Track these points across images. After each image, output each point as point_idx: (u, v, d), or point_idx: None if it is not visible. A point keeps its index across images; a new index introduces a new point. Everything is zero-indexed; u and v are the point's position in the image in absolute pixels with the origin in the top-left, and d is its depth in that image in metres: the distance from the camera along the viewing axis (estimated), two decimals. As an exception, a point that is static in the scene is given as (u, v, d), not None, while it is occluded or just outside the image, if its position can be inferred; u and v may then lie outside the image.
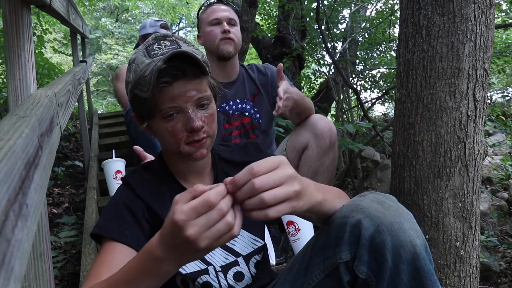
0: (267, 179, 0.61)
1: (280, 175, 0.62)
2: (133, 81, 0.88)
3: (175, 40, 0.89)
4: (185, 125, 0.87)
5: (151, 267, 0.66)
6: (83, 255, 1.61)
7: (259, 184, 0.60)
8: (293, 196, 0.63)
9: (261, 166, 0.62)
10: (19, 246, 0.39)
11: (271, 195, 0.60)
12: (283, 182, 0.62)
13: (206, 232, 0.58)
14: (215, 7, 1.75)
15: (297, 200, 0.64)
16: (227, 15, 1.73)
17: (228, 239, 0.60)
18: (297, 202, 0.64)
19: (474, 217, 1.25)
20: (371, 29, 3.95)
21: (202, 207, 0.58)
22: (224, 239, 0.60)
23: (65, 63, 9.32)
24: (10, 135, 0.52)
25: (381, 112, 6.33)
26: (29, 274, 0.83)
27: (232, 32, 1.72)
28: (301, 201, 0.65)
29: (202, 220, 0.58)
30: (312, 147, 1.59)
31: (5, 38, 0.93)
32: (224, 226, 0.58)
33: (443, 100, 1.22)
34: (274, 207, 0.61)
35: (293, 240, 1.60)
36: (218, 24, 1.73)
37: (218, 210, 0.58)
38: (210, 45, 1.74)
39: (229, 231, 0.59)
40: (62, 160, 3.41)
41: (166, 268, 0.66)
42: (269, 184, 0.61)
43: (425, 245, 0.73)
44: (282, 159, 0.64)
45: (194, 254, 0.62)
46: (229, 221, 0.59)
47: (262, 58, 5.22)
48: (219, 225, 0.58)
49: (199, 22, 1.82)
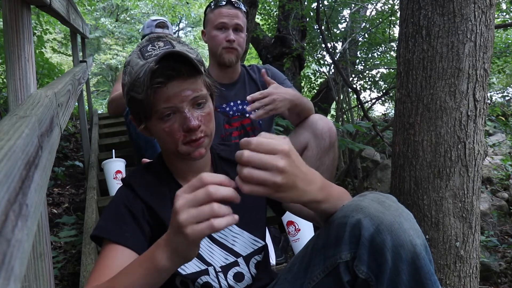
0: (254, 158, 0.64)
1: (268, 161, 0.64)
2: (128, 83, 0.88)
3: (169, 40, 0.89)
4: (181, 125, 0.86)
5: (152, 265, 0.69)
6: (83, 255, 1.61)
7: (245, 158, 0.63)
8: (270, 185, 0.65)
9: (262, 144, 0.64)
10: (19, 246, 0.39)
11: (248, 172, 0.63)
12: (268, 169, 0.64)
13: (189, 208, 0.62)
14: (223, 10, 1.70)
15: (274, 191, 0.66)
16: (234, 22, 1.69)
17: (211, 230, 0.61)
18: (273, 192, 0.66)
19: (474, 217, 1.25)
20: (371, 29, 3.95)
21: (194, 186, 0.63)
22: (206, 227, 0.61)
23: (65, 63, 9.32)
24: (10, 135, 0.52)
25: (381, 112, 6.34)
26: (29, 274, 0.83)
27: (236, 40, 1.69)
28: (281, 194, 0.67)
29: (190, 196, 0.62)
30: (312, 147, 1.59)
31: (5, 38, 0.93)
32: (208, 208, 0.61)
33: (443, 100, 1.22)
34: (249, 184, 0.64)
35: (293, 240, 1.60)
36: (223, 29, 1.69)
37: (205, 190, 0.62)
38: (213, 49, 1.73)
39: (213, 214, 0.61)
40: (62, 160, 3.41)
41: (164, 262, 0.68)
42: (254, 163, 0.63)
43: (425, 245, 0.73)
44: (284, 149, 0.65)
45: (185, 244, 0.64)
46: (214, 207, 0.61)
47: (262, 58, 5.22)
48: (204, 208, 0.61)
49: (205, 18, 1.79)
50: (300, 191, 0.69)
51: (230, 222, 0.62)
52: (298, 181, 0.68)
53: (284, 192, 0.67)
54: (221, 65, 1.73)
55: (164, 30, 2.57)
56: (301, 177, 0.68)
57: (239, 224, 0.98)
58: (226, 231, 0.97)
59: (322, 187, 0.74)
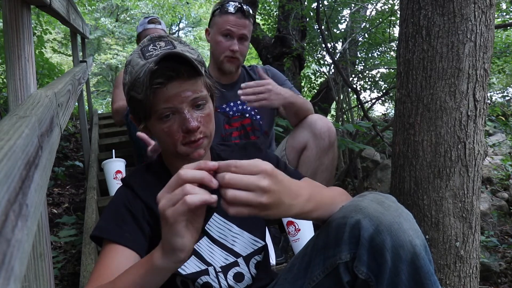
0: (236, 179, 0.63)
1: (251, 182, 0.64)
2: (129, 82, 0.88)
3: (170, 40, 0.89)
4: (181, 125, 0.86)
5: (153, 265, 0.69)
6: (83, 255, 1.61)
7: (227, 179, 0.63)
8: (256, 206, 0.64)
9: (242, 166, 0.65)
10: (19, 246, 0.39)
11: (232, 194, 0.63)
12: (252, 190, 0.64)
13: (168, 198, 0.64)
14: (232, 18, 1.65)
15: (262, 210, 0.66)
16: (240, 32, 1.66)
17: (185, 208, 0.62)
18: (259, 211, 0.66)
19: (474, 217, 1.25)
20: (371, 29, 3.95)
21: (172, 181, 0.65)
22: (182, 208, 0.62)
23: (65, 63, 9.32)
24: (10, 135, 0.53)
25: (381, 112, 6.33)
26: (29, 274, 0.83)
27: (240, 50, 1.68)
28: (267, 211, 0.67)
29: (166, 188, 0.65)
30: (311, 147, 1.59)
31: (5, 38, 0.93)
32: (180, 191, 0.63)
33: (443, 100, 1.22)
34: (234, 206, 0.64)
35: (293, 240, 1.60)
36: (228, 37, 1.67)
37: (177, 176, 0.64)
38: (215, 54, 1.72)
39: (186, 199, 0.62)
40: (62, 160, 3.41)
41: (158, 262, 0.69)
42: (236, 184, 0.63)
43: (424, 245, 0.73)
44: (266, 168, 0.65)
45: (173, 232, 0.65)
46: (186, 188, 0.63)
47: (262, 58, 5.22)
48: (177, 191, 0.63)
49: (212, 19, 1.75)
50: (286, 206, 0.69)
51: (204, 198, 0.63)
52: (284, 197, 0.68)
53: (270, 210, 0.66)
54: (221, 70, 1.74)
55: (156, 25, 2.55)
56: (285, 192, 0.68)
57: (239, 225, 0.98)
58: (226, 231, 0.97)
59: (309, 198, 0.74)
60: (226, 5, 1.68)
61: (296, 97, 1.62)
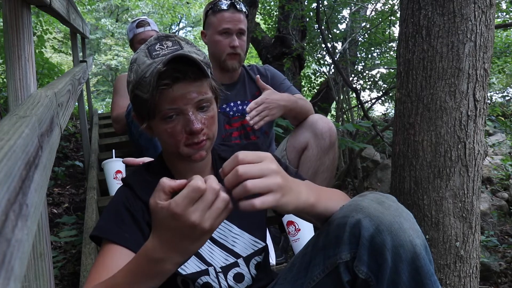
0: (250, 168, 0.64)
1: (263, 167, 0.65)
2: (134, 81, 0.87)
3: (177, 40, 0.89)
4: (184, 127, 0.86)
5: (151, 269, 0.67)
6: (83, 255, 1.61)
7: (242, 171, 0.63)
8: (275, 189, 0.65)
9: (246, 156, 0.65)
10: (19, 246, 0.39)
11: (253, 183, 0.63)
12: (266, 174, 0.64)
13: (207, 213, 0.62)
14: (227, 15, 1.66)
15: (281, 194, 0.66)
16: (238, 27, 1.67)
17: (227, 214, 0.64)
18: (280, 196, 0.66)
19: (474, 217, 1.25)
20: (371, 29, 3.95)
21: (194, 193, 0.61)
22: (224, 215, 0.63)
23: (65, 63, 9.32)
24: (10, 135, 0.52)
25: (381, 112, 6.33)
26: (29, 274, 0.83)
27: (240, 45, 1.68)
28: (285, 197, 0.67)
29: (201, 205, 0.61)
30: (312, 147, 1.59)
31: (5, 38, 0.93)
32: (221, 203, 0.62)
33: (443, 100, 1.22)
34: (259, 197, 0.63)
35: (293, 240, 1.60)
36: (227, 35, 1.67)
37: (211, 189, 0.62)
38: (215, 54, 1.72)
39: (227, 206, 0.63)
40: (62, 160, 3.40)
41: (167, 267, 0.67)
42: (252, 172, 0.63)
43: (425, 245, 0.73)
44: (267, 155, 0.67)
45: (201, 239, 0.64)
46: (225, 197, 0.63)
47: (262, 58, 5.22)
48: (217, 204, 0.62)
49: (206, 21, 1.74)
50: (295, 192, 0.70)
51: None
52: (289, 182, 0.69)
53: (286, 196, 0.67)
54: (224, 69, 1.73)
55: (146, 27, 2.50)
56: (288, 178, 0.70)
57: (240, 225, 0.98)
58: (226, 232, 0.97)
59: (309, 189, 0.76)
60: (218, 3, 1.68)
61: (295, 100, 1.62)
